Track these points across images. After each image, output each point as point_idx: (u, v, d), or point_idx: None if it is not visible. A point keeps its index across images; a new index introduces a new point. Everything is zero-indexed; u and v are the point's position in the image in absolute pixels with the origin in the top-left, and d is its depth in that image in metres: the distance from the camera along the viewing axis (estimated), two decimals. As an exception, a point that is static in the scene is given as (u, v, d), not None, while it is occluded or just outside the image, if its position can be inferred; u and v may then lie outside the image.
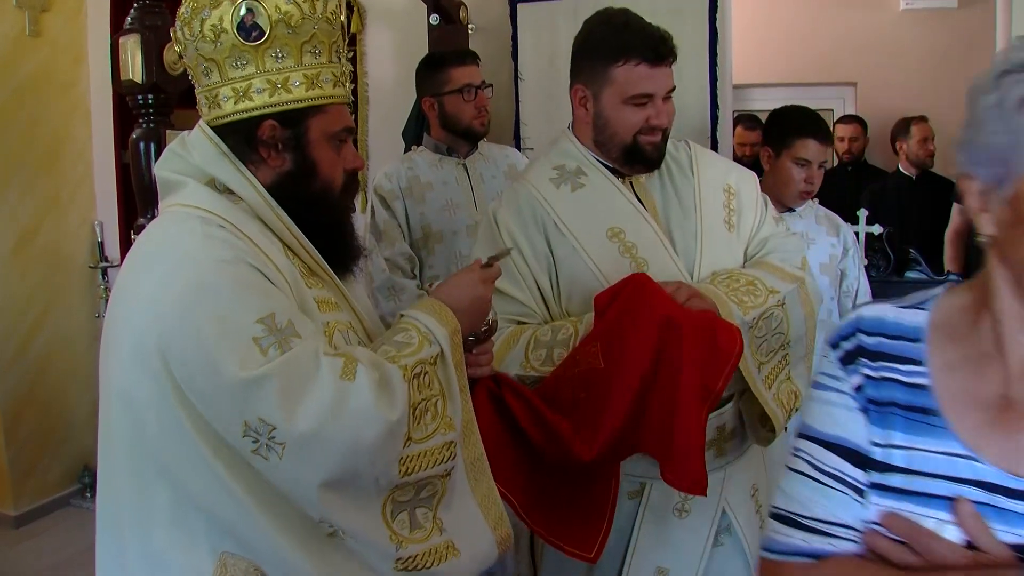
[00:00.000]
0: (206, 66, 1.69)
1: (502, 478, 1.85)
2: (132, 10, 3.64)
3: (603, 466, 2.03)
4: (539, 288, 2.28)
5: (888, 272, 4.22)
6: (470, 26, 4.71)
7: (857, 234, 4.19)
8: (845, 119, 6.17)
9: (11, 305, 4.98)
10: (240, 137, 1.70)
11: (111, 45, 3.65)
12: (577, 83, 2.33)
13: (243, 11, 1.64)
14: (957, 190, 4.25)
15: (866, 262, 4.17)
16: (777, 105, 3.37)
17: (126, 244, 4.55)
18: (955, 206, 5.19)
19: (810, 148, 3.18)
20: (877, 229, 4.19)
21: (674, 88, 2.28)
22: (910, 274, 4.26)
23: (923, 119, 5.61)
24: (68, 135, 5.22)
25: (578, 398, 2.02)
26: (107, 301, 4.86)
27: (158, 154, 3.62)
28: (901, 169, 5.64)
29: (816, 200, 3.44)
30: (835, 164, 6.24)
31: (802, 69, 6.67)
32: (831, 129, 6.09)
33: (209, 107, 1.72)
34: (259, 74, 1.67)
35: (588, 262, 2.26)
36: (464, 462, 1.73)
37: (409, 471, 1.59)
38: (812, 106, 3.30)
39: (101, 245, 5.27)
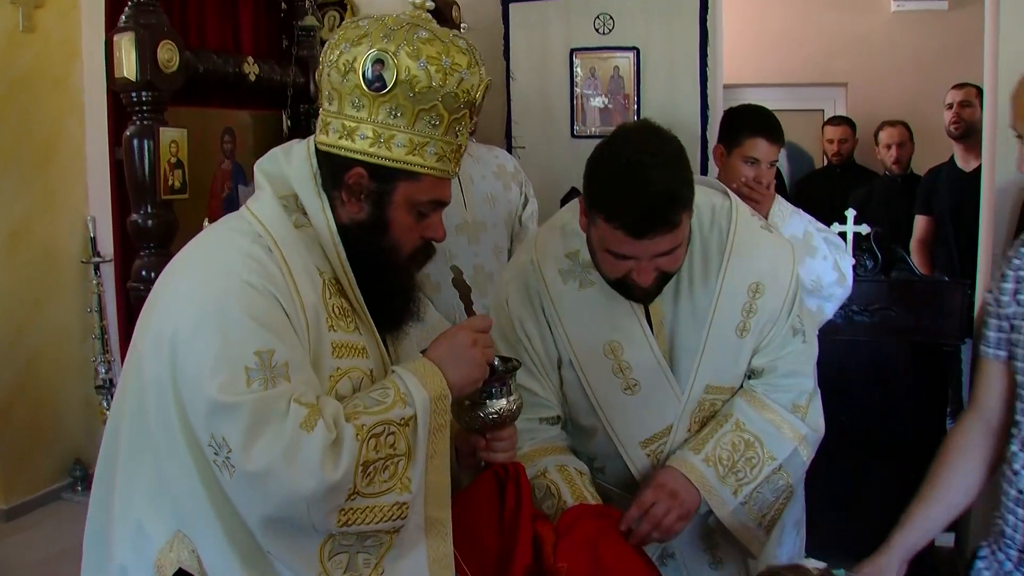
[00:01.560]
0: (330, 93, 1.72)
1: (474, 561, 1.86)
2: (126, 8, 3.66)
3: None
4: (551, 380, 2.26)
5: (876, 271, 4.25)
6: (462, 25, 4.73)
7: (845, 234, 4.23)
8: (834, 120, 6.19)
9: (3, 300, 4.99)
10: (331, 170, 1.73)
11: (105, 43, 3.67)
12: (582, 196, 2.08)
13: (375, 59, 1.66)
14: (918, 201, 4.27)
15: (853, 261, 4.21)
16: (769, 106, 3.38)
17: (120, 240, 4.57)
18: (918, 217, 5.25)
19: (759, 147, 3.18)
20: (865, 229, 4.22)
21: (675, 248, 1.99)
22: (897, 273, 4.28)
23: (895, 124, 5.66)
24: (62, 131, 5.23)
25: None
26: (99, 296, 4.90)
27: (152, 152, 3.72)
28: (887, 172, 5.68)
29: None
30: (824, 164, 6.28)
31: (793, 70, 6.71)
32: (821, 130, 6.16)
33: (320, 130, 1.76)
34: (369, 121, 1.69)
35: (581, 377, 2.22)
36: (425, 520, 1.74)
37: (349, 523, 1.61)
38: (803, 107, 3.35)
39: (94, 241, 5.28)
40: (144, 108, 3.66)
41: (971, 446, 2.00)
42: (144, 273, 3.92)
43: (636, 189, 1.88)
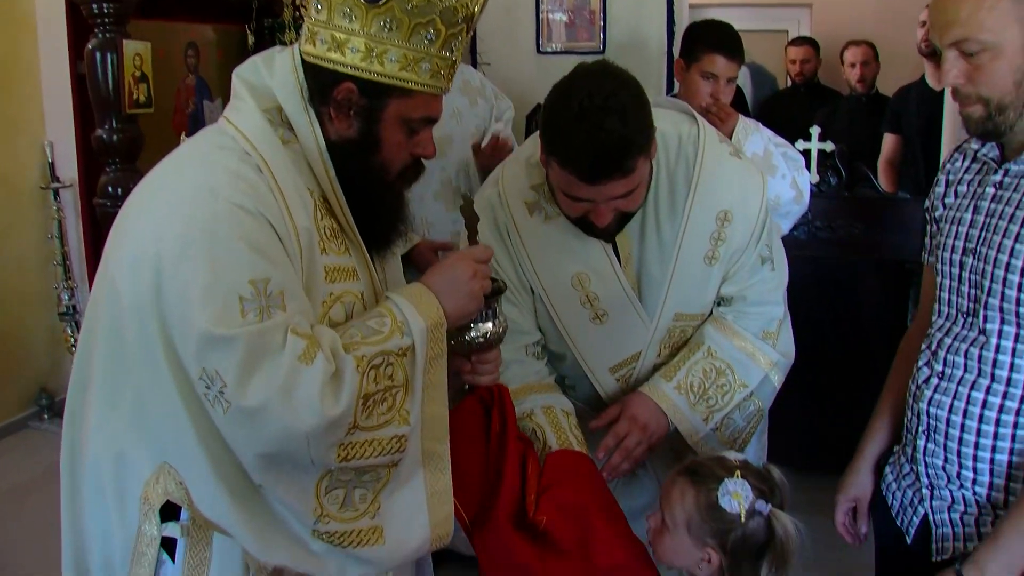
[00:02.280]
0: (319, 2, 1.63)
1: (459, 487, 1.82)
2: (85, -83, 3.58)
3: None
4: (528, 306, 2.25)
5: (839, 188, 4.30)
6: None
7: (809, 151, 4.27)
8: (797, 41, 6.21)
9: (-38, 229, 4.91)
10: (318, 84, 1.66)
11: (63, -46, 3.61)
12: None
13: None
14: (887, 120, 4.33)
15: (817, 178, 4.26)
16: (734, 26, 3.38)
17: (85, 159, 4.50)
18: (886, 136, 5.32)
19: (717, 63, 3.19)
20: (829, 146, 4.26)
21: (631, 191, 1.99)
22: (860, 190, 4.34)
23: (859, 43, 5.68)
24: (15, 54, 5.08)
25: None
26: (60, 223, 4.81)
27: (115, 65, 3.66)
28: (851, 91, 5.73)
29: None
30: (788, 85, 6.30)
31: (758, -10, 6.69)
32: (785, 51, 6.18)
33: (306, 40, 1.67)
34: (361, 34, 1.60)
35: (549, 308, 2.22)
36: (422, 454, 1.71)
37: (348, 457, 1.57)
38: (767, 27, 3.34)
39: (52, 166, 5.18)
40: (106, 20, 3.58)
41: (916, 352, 2.04)
42: (111, 190, 3.84)
43: (588, 136, 1.86)
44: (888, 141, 5.30)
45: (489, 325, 1.86)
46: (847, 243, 4.32)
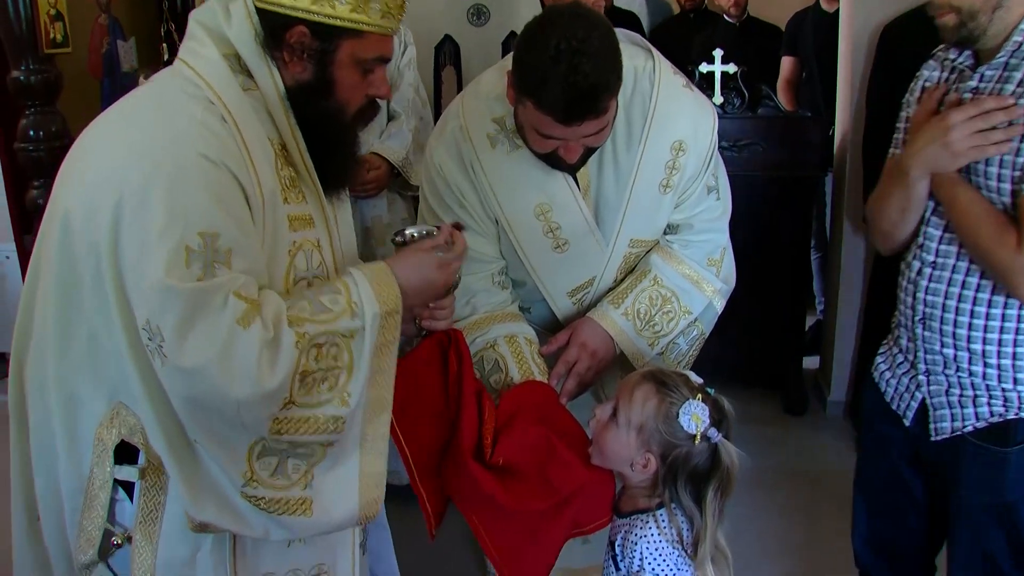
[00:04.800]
0: None
1: (406, 424, 1.88)
2: None
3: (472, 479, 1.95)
4: (493, 235, 2.30)
5: (743, 109, 4.44)
6: None
7: (713, 73, 4.41)
8: (684, -34, 6.25)
9: None
10: (271, 29, 1.65)
11: None
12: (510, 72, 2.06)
13: None
14: (784, 43, 4.50)
15: (722, 100, 4.40)
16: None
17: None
18: (784, 58, 5.51)
19: None
20: (732, 68, 4.39)
21: (602, 129, 2.04)
22: (763, 110, 4.48)
23: None
24: None
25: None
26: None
27: (29, 3, 3.51)
28: (726, 18, 5.85)
29: None
30: (678, 12, 6.41)
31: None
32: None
33: None
34: None
35: (513, 239, 2.27)
36: (361, 436, 1.71)
37: (281, 432, 1.58)
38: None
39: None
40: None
41: None
42: (32, 133, 3.70)
43: (566, 80, 1.87)
44: (786, 63, 5.47)
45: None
46: (751, 161, 4.46)
